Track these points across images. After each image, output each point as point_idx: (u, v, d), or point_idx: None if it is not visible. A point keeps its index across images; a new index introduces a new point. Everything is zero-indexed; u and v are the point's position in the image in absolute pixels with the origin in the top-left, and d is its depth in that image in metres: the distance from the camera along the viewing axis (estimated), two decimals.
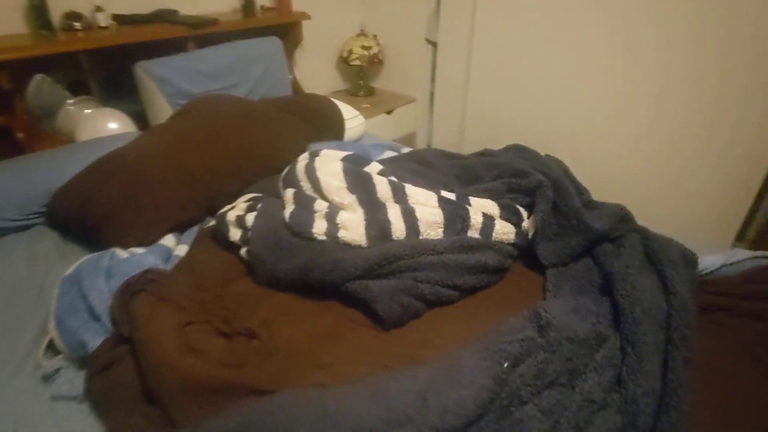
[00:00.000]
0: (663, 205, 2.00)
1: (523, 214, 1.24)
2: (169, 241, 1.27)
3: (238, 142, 1.44)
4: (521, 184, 1.25)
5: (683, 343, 0.88)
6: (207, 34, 1.89)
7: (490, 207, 1.19)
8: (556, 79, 2.12)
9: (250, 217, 1.23)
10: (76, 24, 1.65)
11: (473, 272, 1.11)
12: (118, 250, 1.16)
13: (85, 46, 1.59)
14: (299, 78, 2.37)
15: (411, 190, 1.17)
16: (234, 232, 1.25)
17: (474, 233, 1.16)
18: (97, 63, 1.78)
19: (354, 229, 1.10)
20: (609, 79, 1.97)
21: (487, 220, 1.16)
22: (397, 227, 1.11)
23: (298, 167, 1.28)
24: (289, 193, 1.21)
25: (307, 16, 2.27)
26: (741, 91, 1.70)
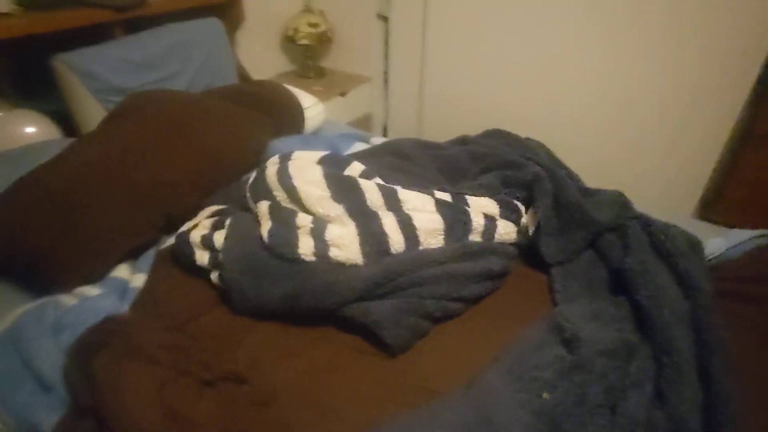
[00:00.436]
0: (624, 172, 2.00)
1: (521, 209, 1.15)
2: (123, 272, 1.08)
3: (192, 145, 1.24)
4: (517, 177, 1.15)
5: (721, 347, 0.83)
6: (135, 18, 1.64)
7: (490, 206, 1.09)
8: (516, 52, 2.03)
9: (218, 237, 1.06)
10: None
11: (478, 280, 1.01)
12: (63, 296, 0.96)
13: None
14: (242, 62, 2.14)
15: (404, 195, 1.04)
16: (201, 255, 1.08)
17: (476, 237, 1.06)
18: (2, 57, 1.50)
19: (347, 246, 0.96)
20: (568, 48, 1.91)
21: (489, 222, 1.06)
22: (395, 239, 0.98)
23: (268, 174, 1.11)
24: (264, 207, 1.05)
25: None
26: (699, 56, 1.69)
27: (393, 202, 1.03)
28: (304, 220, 1.00)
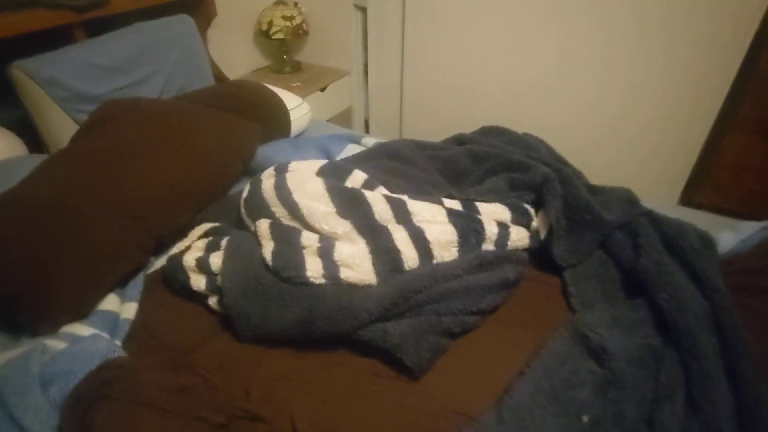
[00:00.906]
0: (609, 160, 2.00)
1: (532, 213, 1.11)
2: (111, 304, 0.98)
3: (179, 157, 1.14)
4: (525, 180, 1.11)
5: (747, 350, 0.82)
6: (97, 19, 1.51)
7: (501, 212, 1.05)
8: (499, 39, 1.98)
9: (215, 259, 0.99)
10: None
11: (495, 290, 0.98)
12: (49, 339, 0.87)
13: None
14: (214, 59, 2.02)
15: (413, 206, 0.99)
16: (196, 280, 1.00)
17: (489, 245, 1.02)
18: None
19: (359, 266, 0.90)
20: (556, 44, 1.87)
21: (502, 229, 1.02)
22: (409, 255, 0.93)
23: (264, 188, 1.04)
24: (264, 226, 0.98)
25: None
26: (681, 55, 1.70)
27: (402, 215, 0.98)
28: (309, 239, 0.94)
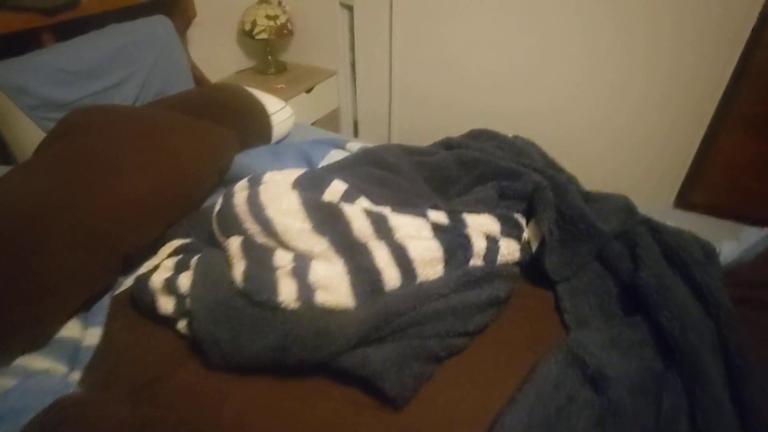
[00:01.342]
0: (602, 165, 1.95)
1: (522, 224, 1.05)
2: (73, 330, 0.92)
3: (152, 169, 1.07)
4: (516, 188, 1.05)
5: (755, 373, 0.76)
6: (67, 21, 1.44)
7: (490, 224, 0.98)
8: (488, 38, 1.92)
9: (183, 280, 0.92)
10: None
11: (484, 309, 0.91)
12: None
13: None
14: (196, 61, 1.95)
15: (396, 221, 0.92)
16: (164, 302, 0.94)
17: (477, 261, 0.95)
18: None
19: (336, 288, 0.84)
20: (546, 42, 1.81)
21: (491, 243, 0.96)
22: (390, 275, 0.87)
23: (236, 202, 0.97)
24: (235, 245, 0.91)
25: None
26: (672, 50, 1.64)
27: (383, 231, 0.91)
28: (282, 259, 0.87)
